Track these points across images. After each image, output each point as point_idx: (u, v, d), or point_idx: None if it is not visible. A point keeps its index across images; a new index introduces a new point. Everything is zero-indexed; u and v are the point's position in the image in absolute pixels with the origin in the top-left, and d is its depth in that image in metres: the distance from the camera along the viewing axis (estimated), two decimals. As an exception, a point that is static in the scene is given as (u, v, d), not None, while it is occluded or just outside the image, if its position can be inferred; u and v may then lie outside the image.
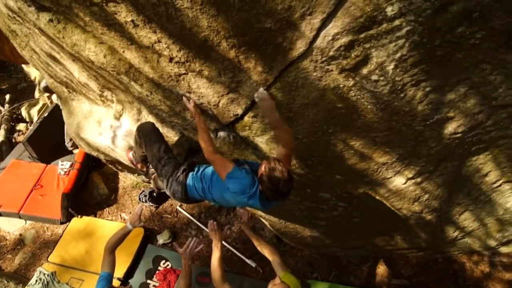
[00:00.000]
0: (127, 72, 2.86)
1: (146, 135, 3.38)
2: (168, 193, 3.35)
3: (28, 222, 6.57)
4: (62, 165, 6.66)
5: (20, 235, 6.45)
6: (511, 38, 2.12)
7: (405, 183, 3.50)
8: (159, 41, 2.39)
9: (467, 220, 4.32)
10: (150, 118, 3.64)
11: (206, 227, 5.64)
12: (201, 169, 3.19)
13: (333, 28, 2.08)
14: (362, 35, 2.10)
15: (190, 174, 3.18)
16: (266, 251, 3.32)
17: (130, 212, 6.52)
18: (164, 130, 3.66)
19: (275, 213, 4.54)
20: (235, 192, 2.85)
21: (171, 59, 2.50)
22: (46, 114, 7.00)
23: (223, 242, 4.87)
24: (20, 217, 6.44)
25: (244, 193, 2.82)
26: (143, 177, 6.27)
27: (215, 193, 3.05)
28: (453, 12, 1.96)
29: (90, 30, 2.70)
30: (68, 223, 6.23)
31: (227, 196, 2.96)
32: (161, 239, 6.01)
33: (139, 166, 4.01)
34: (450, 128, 2.83)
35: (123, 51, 2.66)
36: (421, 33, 2.07)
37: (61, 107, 5.49)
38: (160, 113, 3.35)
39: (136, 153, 3.80)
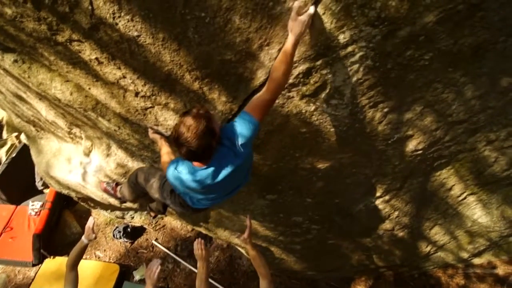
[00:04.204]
0: (94, 108, 2.89)
1: (143, 181, 3.29)
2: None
3: (-2, 266, 6.37)
4: (33, 205, 6.54)
5: (-10, 280, 6.24)
6: (456, 58, 2.27)
7: (374, 202, 3.59)
8: (124, 77, 2.44)
9: (438, 234, 4.43)
10: (120, 153, 3.64)
11: (183, 260, 5.61)
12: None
13: (290, 57, 2.17)
14: (319, 62, 2.21)
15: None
16: (260, 273, 3.16)
17: (105, 250, 6.40)
18: (135, 164, 3.67)
19: (251, 240, 4.55)
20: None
21: (137, 94, 2.55)
22: (14, 154, 6.91)
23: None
24: (-11, 262, 6.24)
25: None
26: (117, 212, 6.21)
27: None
28: (401, 36, 2.08)
29: (56, 69, 2.73)
30: (40, 265, 6.09)
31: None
32: (138, 275, 5.91)
33: (118, 194, 3.95)
34: (411, 145, 2.94)
35: (89, 88, 2.70)
36: (373, 58, 2.18)
37: (29, 146, 5.42)
38: (130, 147, 3.37)
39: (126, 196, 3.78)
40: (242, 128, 2.22)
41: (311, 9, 1.94)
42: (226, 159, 2.30)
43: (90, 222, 3.28)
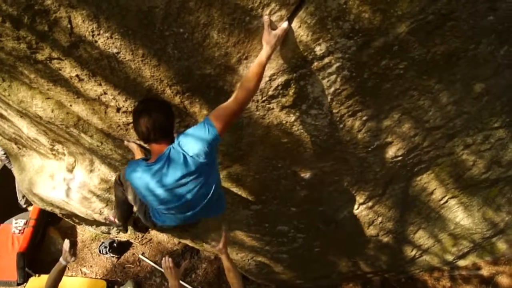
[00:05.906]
0: (76, 124, 2.89)
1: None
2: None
3: (-19, 287, 6.25)
4: (16, 223, 6.44)
5: (-27, 302, 6.13)
6: (430, 66, 2.34)
7: (357, 209, 3.64)
8: (105, 93, 2.45)
9: (422, 238, 4.49)
10: (103, 168, 3.64)
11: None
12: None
13: (268, 69, 2.21)
14: (297, 74, 2.25)
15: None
16: (234, 286, 3.06)
17: (91, 266, 6.33)
18: (118, 179, 3.66)
19: (238, 250, 4.56)
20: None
21: (118, 109, 2.56)
22: (-4, 173, 6.81)
23: (183, 283, 4.75)
24: (-28, 283, 6.13)
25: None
26: (102, 228, 6.16)
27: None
28: (375, 47, 2.14)
29: (36, 87, 2.73)
30: (25, 283, 6.00)
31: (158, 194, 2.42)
32: (125, 290, 5.86)
33: (115, 220, 3.97)
34: (391, 152, 3.00)
35: (71, 105, 2.70)
36: (349, 68, 2.24)
37: (11, 164, 5.37)
38: (113, 162, 3.37)
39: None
40: (199, 135, 2.18)
41: (285, 24, 1.99)
42: (175, 161, 2.24)
43: (66, 245, 3.23)
